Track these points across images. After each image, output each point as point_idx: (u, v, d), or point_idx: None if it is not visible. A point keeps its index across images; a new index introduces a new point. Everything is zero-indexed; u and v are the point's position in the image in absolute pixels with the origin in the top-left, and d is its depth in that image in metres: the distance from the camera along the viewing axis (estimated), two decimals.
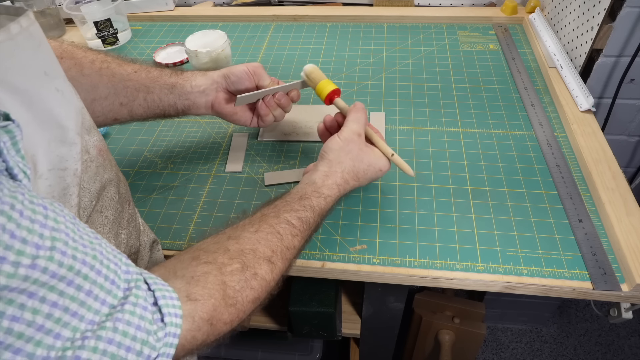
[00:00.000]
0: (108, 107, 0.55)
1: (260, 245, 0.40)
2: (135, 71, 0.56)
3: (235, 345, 0.95)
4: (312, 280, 0.74)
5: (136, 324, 0.27)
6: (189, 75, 0.59)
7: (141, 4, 1.00)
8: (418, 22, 0.94)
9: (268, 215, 0.44)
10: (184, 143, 0.70)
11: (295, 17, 0.97)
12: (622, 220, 0.52)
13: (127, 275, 0.29)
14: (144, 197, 0.62)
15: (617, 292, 0.48)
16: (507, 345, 1.26)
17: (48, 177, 0.31)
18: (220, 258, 0.37)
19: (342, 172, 0.51)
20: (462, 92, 0.75)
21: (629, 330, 1.25)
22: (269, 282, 0.39)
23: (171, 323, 0.30)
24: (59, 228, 0.24)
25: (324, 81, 0.57)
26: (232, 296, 0.35)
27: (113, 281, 0.27)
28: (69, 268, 0.24)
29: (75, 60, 0.53)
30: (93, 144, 0.37)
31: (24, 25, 0.29)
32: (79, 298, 0.25)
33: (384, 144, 0.54)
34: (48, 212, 0.24)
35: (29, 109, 0.29)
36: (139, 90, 0.56)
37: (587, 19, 0.71)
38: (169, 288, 0.31)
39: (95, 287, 0.26)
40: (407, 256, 0.53)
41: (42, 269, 0.23)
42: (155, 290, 0.30)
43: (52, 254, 0.23)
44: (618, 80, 0.72)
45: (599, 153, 0.61)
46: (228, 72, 0.58)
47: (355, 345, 0.92)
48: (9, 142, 0.24)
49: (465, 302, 0.93)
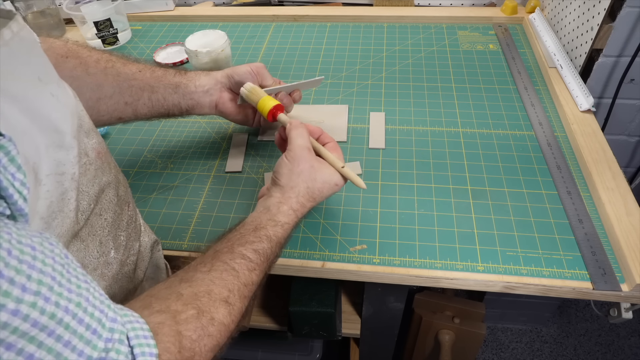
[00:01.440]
0: (113, 106, 0.55)
1: (215, 285, 0.37)
2: (140, 70, 0.56)
3: (235, 345, 0.95)
4: (312, 280, 0.74)
5: None
6: (193, 75, 0.59)
7: (141, 4, 1.00)
8: (418, 22, 0.94)
9: (221, 252, 0.40)
10: (184, 143, 0.70)
11: (295, 17, 0.96)
12: (622, 220, 0.52)
13: (113, 325, 0.27)
14: (144, 197, 0.62)
15: (617, 292, 0.48)
16: (507, 345, 1.26)
17: (46, 182, 0.30)
18: (173, 305, 0.34)
19: (296, 196, 0.47)
20: (462, 92, 0.75)
21: (629, 330, 1.25)
22: (227, 326, 0.36)
23: None
24: (46, 271, 0.23)
25: (265, 98, 0.55)
26: (189, 347, 0.32)
27: (95, 330, 0.25)
28: (50, 316, 0.22)
29: (80, 60, 0.53)
30: (92, 146, 0.37)
31: (15, 31, 0.29)
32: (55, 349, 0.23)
33: (332, 157, 0.49)
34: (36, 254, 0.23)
35: (27, 116, 0.29)
36: (144, 90, 0.56)
37: (587, 19, 0.71)
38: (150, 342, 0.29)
39: (74, 338, 0.24)
40: (407, 256, 0.53)
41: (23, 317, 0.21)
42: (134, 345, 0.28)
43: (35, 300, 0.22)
44: (618, 80, 0.72)
45: (599, 153, 0.61)
46: (232, 72, 0.58)
47: (355, 345, 0.92)
48: (4, 159, 0.23)
49: (465, 302, 0.93)
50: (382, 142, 0.67)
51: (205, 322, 0.34)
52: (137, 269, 0.45)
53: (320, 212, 0.58)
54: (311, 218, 0.57)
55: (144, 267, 0.46)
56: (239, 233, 0.43)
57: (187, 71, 0.59)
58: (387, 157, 0.65)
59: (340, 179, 0.49)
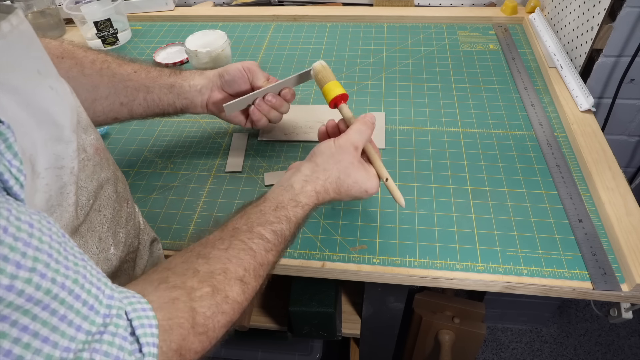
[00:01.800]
0: (109, 107, 0.55)
1: (231, 264, 0.37)
2: (135, 71, 0.56)
3: (235, 345, 0.95)
4: (312, 280, 0.74)
5: (115, 355, 0.26)
6: (188, 75, 0.59)
7: (141, 4, 1.00)
8: (418, 22, 0.94)
9: (240, 230, 0.41)
10: (184, 143, 0.70)
11: (295, 17, 0.97)
12: (622, 220, 0.52)
13: (110, 301, 0.27)
14: (144, 197, 0.62)
15: (617, 292, 0.48)
16: (507, 345, 1.26)
17: (45, 175, 0.31)
18: (189, 282, 0.34)
19: (324, 180, 0.47)
20: (462, 92, 0.75)
21: (629, 330, 1.25)
22: (241, 304, 0.37)
23: (149, 353, 0.28)
24: (42, 248, 0.23)
25: (332, 82, 0.53)
26: (202, 324, 0.33)
27: (92, 307, 0.26)
28: (46, 291, 0.23)
29: (76, 60, 0.53)
30: (90, 142, 0.37)
31: (14, 24, 0.29)
32: (51, 323, 0.23)
33: (381, 165, 0.49)
34: (33, 231, 0.23)
35: (26, 108, 0.29)
36: (139, 90, 0.56)
37: (587, 19, 0.71)
38: (149, 314, 0.29)
39: (70, 313, 0.24)
40: (407, 256, 0.53)
41: (18, 292, 0.21)
42: (133, 319, 0.28)
43: (31, 276, 0.22)
44: (618, 80, 0.72)
45: (599, 153, 0.61)
46: (223, 71, 0.58)
47: (355, 345, 0.92)
48: (2, 146, 0.23)
49: (465, 302, 0.93)
50: (382, 142, 0.67)
51: (219, 299, 0.35)
52: (136, 267, 0.45)
53: (320, 212, 0.58)
54: (311, 218, 0.57)
55: (142, 265, 0.47)
56: (259, 210, 0.43)
57: (183, 71, 0.59)
58: (387, 157, 0.65)
59: (374, 187, 0.48)
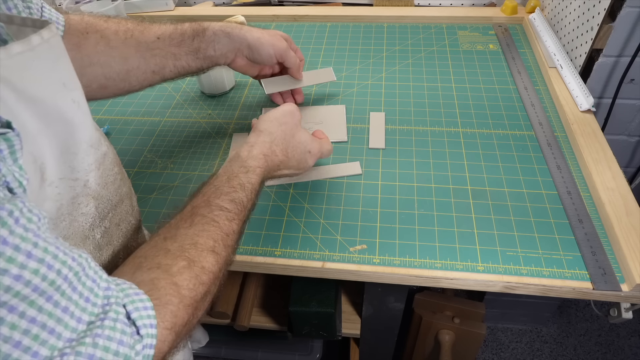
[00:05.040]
0: (142, 76, 0.56)
1: (199, 237, 0.38)
2: (158, 37, 0.56)
3: (235, 345, 0.95)
4: (312, 280, 0.74)
5: (118, 339, 0.27)
6: (212, 37, 0.58)
7: (141, 4, 1.00)
8: (418, 22, 0.94)
9: (199, 207, 0.41)
10: (184, 143, 0.70)
11: (295, 17, 0.96)
12: (622, 220, 0.52)
13: (107, 292, 0.28)
14: (144, 197, 0.62)
15: (617, 292, 0.48)
16: (507, 345, 1.26)
17: (58, 185, 0.31)
18: (163, 260, 0.35)
19: (270, 142, 0.49)
20: (462, 92, 0.75)
21: (629, 330, 1.25)
22: (216, 274, 0.38)
23: (147, 334, 0.29)
24: (50, 240, 0.24)
25: None
26: (188, 296, 0.34)
27: (88, 299, 0.26)
28: (50, 283, 0.23)
29: (100, 34, 0.53)
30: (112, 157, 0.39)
31: (45, 37, 0.30)
32: (56, 314, 0.24)
33: None
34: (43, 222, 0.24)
35: (43, 119, 0.29)
36: (167, 58, 0.57)
37: (587, 19, 0.71)
38: (142, 297, 0.30)
39: (71, 304, 0.25)
40: (407, 256, 0.53)
41: (25, 282, 0.22)
42: (126, 304, 0.29)
43: (39, 267, 0.23)
44: (618, 80, 0.71)
45: (599, 153, 0.61)
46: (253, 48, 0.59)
47: (355, 345, 0.92)
48: (6, 151, 0.24)
49: (465, 302, 0.93)
50: (382, 142, 0.67)
51: (197, 271, 0.36)
52: None
53: (320, 212, 0.58)
54: (311, 218, 0.57)
55: None
56: (213, 186, 0.44)
57: (204, 28, 0.58)
58: (387, 157, 0.65)
59: (315, 148, 0.54)
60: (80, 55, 0.51)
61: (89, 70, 0.52)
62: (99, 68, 0.52)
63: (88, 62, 0.51)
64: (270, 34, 0.61)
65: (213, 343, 0.93)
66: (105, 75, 0.53)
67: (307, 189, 0.61)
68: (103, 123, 0.74)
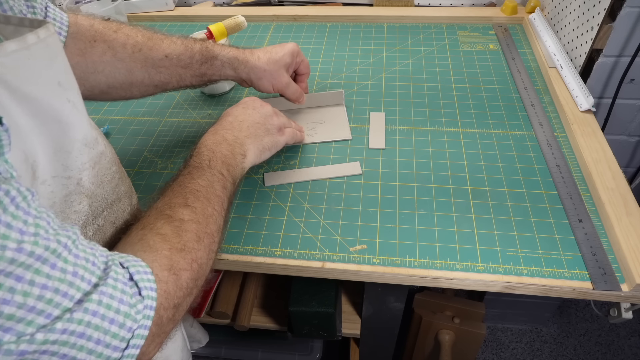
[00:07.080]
0: (144, 89, 0.58)
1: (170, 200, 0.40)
2: (167, 55, 0.56)
3: (235, 345, 0.95)
4: (312, 280, 0.74)
5: (119, 298, 0.29)
6: (219, 67, 0.60)
7: (141, 4, 1.00)
8: (418, 22, 0.94)
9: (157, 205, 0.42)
10: (184, 143, 0.70)
11: (295, 17, 0.96)
12: (622, 220, 0.52)
13: (103, 258, 0.30)
14: (144, 197, 0.62)
15: (617, 292, 0.48)
16: (507, 345, 1.26)
17: (51, 183, 0.32)
18: (146, 226, 0.37)
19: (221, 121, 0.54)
20: (462, 92, 0.75)
21: (629, 330, 1.25)
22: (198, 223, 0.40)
23: (148, 296, 0.31)
24: (41, 216, 0.25)
25: None
26: (175, 241, 0.36)
27: (94, 262, 0.29)
28: (52, 251, 0.25)
29: (108, 44, 0.53)
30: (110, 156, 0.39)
31: (41, 37, 0.30)
32: (66, 279, 0.26)
33: None
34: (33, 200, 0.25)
35: (36, 117, 0.30)
36: (172, 77, 0.58)
37: (587, 19, 0.71)
38: (142, 263, 0.32)
39: (78, 268, 0.27)
40: (407, 256, 0.53)
41: (28, 252, 0.24)
42: (129, 267, 0.31)
43: (36, 239, 0.24)
44: (618, 80, 0.71)
45: (599, 153, 0.61)
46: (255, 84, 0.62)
47: (355, 345, 0.92)
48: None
49: (465, 302, 0.93)
50: (382, 142, 0.67)
51: (177, 223, 0.38)
52: None
53: (320, 212, 0.58)
54: (311, 218, 0.57)
55: None
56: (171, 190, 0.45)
57: (214, 56, 0.59)
58: (387, 157, 0.65)
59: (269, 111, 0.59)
60: (86, 62, 0.51)
61: (92, 77, 0.53)
62: (102, 77, 0.53)
63: (93, 69, 0.52)
64: (277, 64, 0.62)
65: (213, 343, 0.93)
66: (108, 84, 0.54)
67: (307, 189, 0.61)
68: (103, 123, 0.74)
